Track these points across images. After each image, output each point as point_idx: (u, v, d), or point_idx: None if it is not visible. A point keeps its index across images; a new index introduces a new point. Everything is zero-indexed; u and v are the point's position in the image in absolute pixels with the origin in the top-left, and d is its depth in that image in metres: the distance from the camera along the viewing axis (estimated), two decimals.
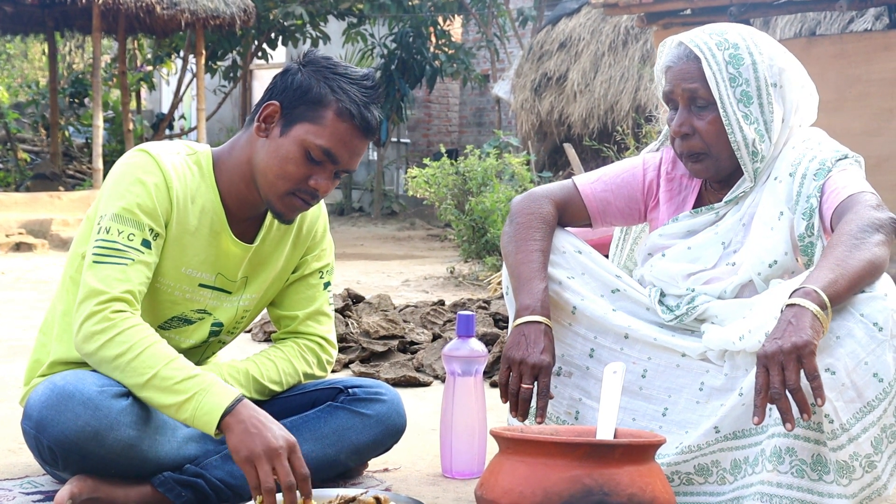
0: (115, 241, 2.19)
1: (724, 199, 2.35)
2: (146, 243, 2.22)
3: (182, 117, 18.49)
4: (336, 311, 4.56)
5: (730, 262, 2.31)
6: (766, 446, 2.03)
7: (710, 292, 2.30)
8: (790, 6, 7.36)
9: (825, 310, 1.93)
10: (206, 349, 2.48)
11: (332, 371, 3.12)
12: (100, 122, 12.29)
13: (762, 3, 7.33)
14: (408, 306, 4.94)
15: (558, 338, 2.33)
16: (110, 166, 2.64)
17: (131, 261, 2.19)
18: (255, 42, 15.93)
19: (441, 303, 4.96)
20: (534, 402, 2.22)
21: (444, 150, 8.67)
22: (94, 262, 2.18)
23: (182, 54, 15.87)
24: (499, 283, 6.46)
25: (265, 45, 16.07)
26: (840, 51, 6.99)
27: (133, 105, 16.12)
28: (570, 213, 2.46)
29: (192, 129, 16.11)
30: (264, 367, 2.44)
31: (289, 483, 2.00)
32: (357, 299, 4.94)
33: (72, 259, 2.35)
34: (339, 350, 4.07)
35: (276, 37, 15.92)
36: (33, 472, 2.49)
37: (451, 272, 8.11)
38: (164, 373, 2.10)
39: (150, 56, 17.10)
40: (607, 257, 2.57)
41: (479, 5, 15.48)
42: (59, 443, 2.13)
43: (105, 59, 16.83)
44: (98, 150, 12.04)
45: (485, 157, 8.24)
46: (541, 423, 2.21)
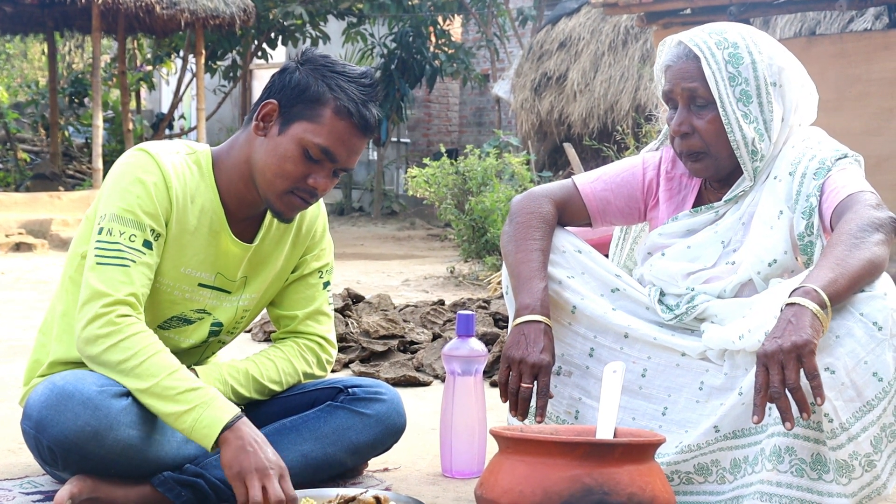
0: (116, 242, 2.19)
1: (724, 198, 2.35)
2: (147, 244, 2.22)
3: (182, 117, 18.49)
4: (336, 310, 4.56)
5: (729, 261, 2.31)
6: (765, 445, 2.03)
7: (710, 291, 2.29)
8: (790, 6, 7.36)
9: (825, 309, 1.93)
10: (206, 349, 2.48)
11: (331, 371, 3.12)
12: (99, 121, 12.28)
13: (762, 3, 7.33)
14: (408, 306, 4.94)
15: (558, 337, 2.33)
16: (110, 166, 2.63)
17: (133, 262, 2.19)
18: (255, 42, 15.93)
19: (441, 302, 4.96)
20: (533, 401, 2.22)
21: (444, 149, 8.66)
22: (97, 264, 2.17)
23: (182, 54, 15.87)
24: (499, 283, 6.46)
25: (265, 45, 16.06)
26: (840, 50, 6.98)
27: (133, 105, 16.12)
28: (570, 213, 2.46)
29: (191, 129, 16.10)
30: (264, 367, 2.44)
31: (278, 499, 2.03)
32: (357, 299, 4.94)
33: (71, 259, 2.34)
34: (339, 350, 4.07)
35: (275, 36, 15.92)
36: (33, 472, 2.49)
37: (451, 272, 8.11)
38: (167, 382, 2.11)
39: (149, 56, 17.10)
40: (607, 257, 2.57)
41: (479, 5, 15.47)
42: (58, 443, 2.13)
43: (105, 59, 16.83)
44: (98, 149, 12.04)
45: (485, 157, 8.24)
46: (540, 422, 2.21)
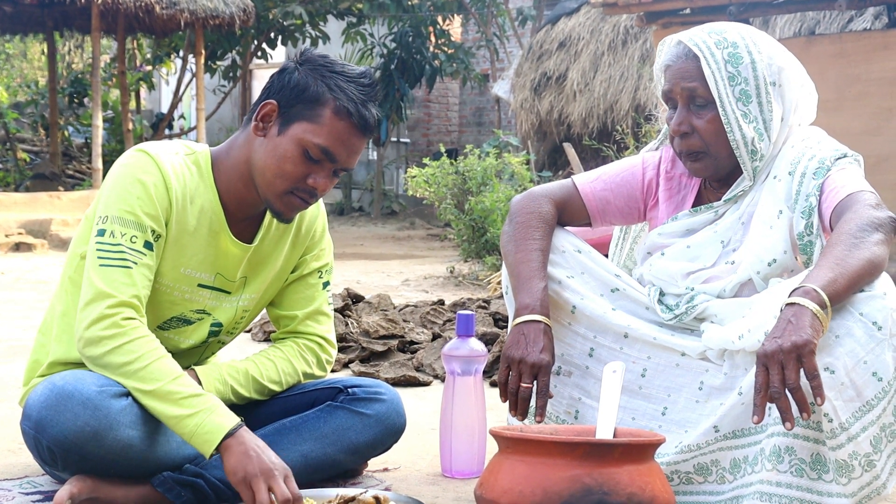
0: (118, 243, 2.19)
1: (724, 197, 2.35)
2: (148, 245, 2.22)
3: (181, 117, 18.49)
4: (336, 310, 4.56)
5: (729, 260, 2.31)
6: (765, 445, 2.03)
7: (710, 291, 2.29)
8: (789, 5, 7.36)
9: (825, 309, 1.93)
10: (206, 349, 2.48)
11: (331, 371, 3.12)
12: (99, 121, 12.28)
13: (761, 3, 7.32)
14: (407, 306, 4.94)
15: (558, 337, 2.33)
16: (110, 166, 2.63)
17: (135, 264, 2.19)
18: (255, 42, 15.92)
19: (441, 302, 4.95)
20: (533, 401, 2.22)
21: (443, 149, 8.66)
22: (100, 266, 2.17)
23: (181, 54, 15.87)
24: (498, 283, 6.46)
25: (264, 45, 16.06)
26: (839, 50, 6.98)
27: (132, 105, 16.11)
28: (570, 213, 2.46)
29: (191, 129, 16.10)
30: (264, 367, 2.44)
31: (285, 498, 2.03)
32: (357, 299, 4.94)
33: (71, 259, 2.34)
34: (339, 350, 4.07)
35: (275, 36, 15.92)
36: (33, 473, 2.49)
37: (451, 272, 8.11)
38: (171, 387, 2.11)
39: (149, 56, 17.09)
40: (607, 256, 2.57)
41: (479, 5, 15.47)
42: (58, 443, 2.13)
43: (104, 59, 16.82)
44: (97, 149, 12.03)
45: (484, 157, 8.24)
46: (540, 422, 2.21)
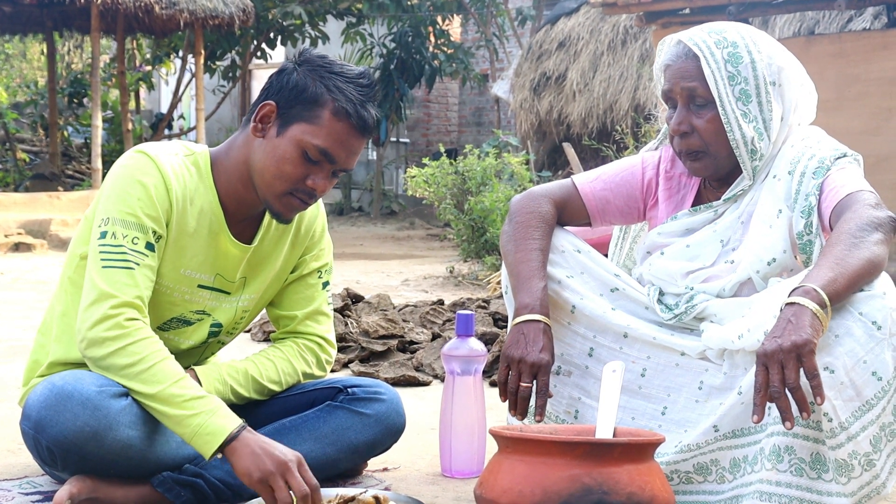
0: (120, 245, 2.18)
1: (723, 197, 2.35)
2: (150, 246, 2.22)
3: (181, 117, 18.49)
4: (335, 310, 4.56)
5: (728, 259, 2.31)
6: (765, 445, 2.03)
7: (709, 290, 2.29)
8: (789, 5, 7.36)
9: (824, 308, 1.93)
10: (206, 350, 2.47)
11: (331, 371, 3.12)
12: (99, 122, 12.27)
13: (761, 2, 7.32)
14: (407, 306, 4.94)
15: (557, 337, 2.33)
16: (109, 166, 2.63)
17: (137, 265, 2.19)
18: (254, 42, 15.92)
19: (440, 302, 4.95)
20: (533, 400, 2.22)
21: (443, 149, 8.66)
22: (103, 268, 2.17)
23: (181, 54, 15.86)
24: (498, 283, 6.46)
25: (264, 45, 16.05)
26: (839, 50, 6.98)
27: (132, 105, 16.10)
28: (570, 212, 2.46)
29: (191, 129, 16.10)
30: (263, 367, 2.44)
31: (304, 493, 2.03)
32: (356, 299, 4.94)
33: (70, 260, 2.34)
34: (339, 350, 4.07)
35: (274, 36, 15.91)
36: (32, 473, 2.49)
37: (451, 272, 8.11)
38: (173, 389, 2.11)
39: (148, 56, 17.08)
40: (606, 256, 2.57)
41: (478, 5, 15.46)
42: (57, 443, 2.13)
43: (104, 59, 16.81)
44: (97, 150, 12.02)
45: (484, 157, 8.24)
46: (540, 421, 2.21)
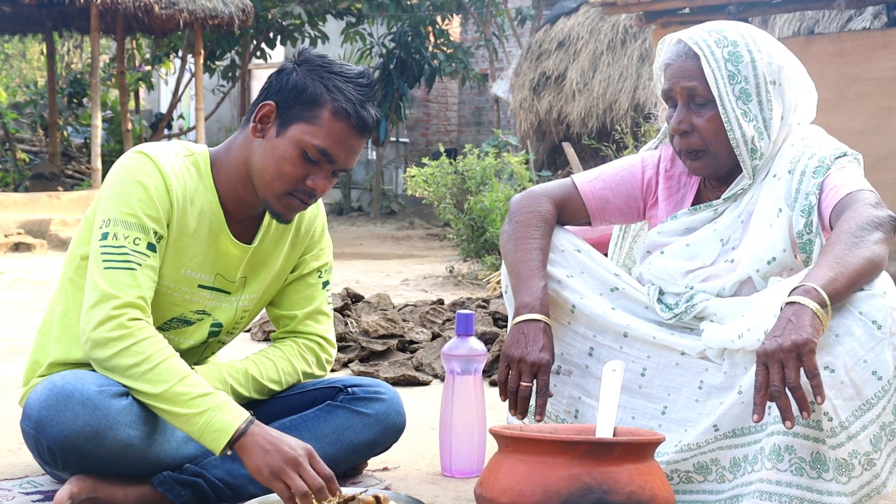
0: (122, 245, 2.18)
1: (723, 196, 2.35)
2: (151, 247, 2.22)
3: (181, 117, 18.49)
4: (335, 310, 4.56)
5: (728, 258, 2.31)
6: (765, 444, 2.03)
7: (709, 289, 2.29)
8: (788, 5, 7.35)
9: (825, 308, 1.93)
10: (206, 349, 2.47)
11: (331, 370, 3.12)
12: (98, 121, 12.27)
13: (761, 2, 7.32)
14: (407, 305, 4.94)
15: (557, 336, 2.33)
16: (109, 166, 2.63)
17: (139, 265, 2.19)
18: (254, 42, 15.91)
19: (440, 302, 4.95)
20: (533, 400, 2.22)
21: (442, 149, 8.66)
22: (105, 269, 2.17)
23: (180, 54, 15.85)
24: (498, 282, 6.46)
25: (264, 45, 16.05)
26: (838, 49, 6.98)
27: (132, 105, 16.09)
28: (570, 212, 2.46)
29: (190, 129, 16.09)
30: (263, 367, 2.44)
31: (318, 486, 2.04)
32: (356, 298, 4.94)
33: (70, 260, 2.34)
34: (339, 349, 4.06)
35: (274, 36, 15.91)
36: (33, 472, 2.49)
37: (450, 271, 8.11)
38: (179, 388, 2.11)
39: (148, 56, 17.08)
40: (606, 256, 2.57)
41: (478, 4, 15.46)
42: (58, 443, 2.13)
43: (103, 59, 16.79)
44: (97, 150, 12.02)
45: (483, 157, 8.24)
46: (540, 421, 2.21)
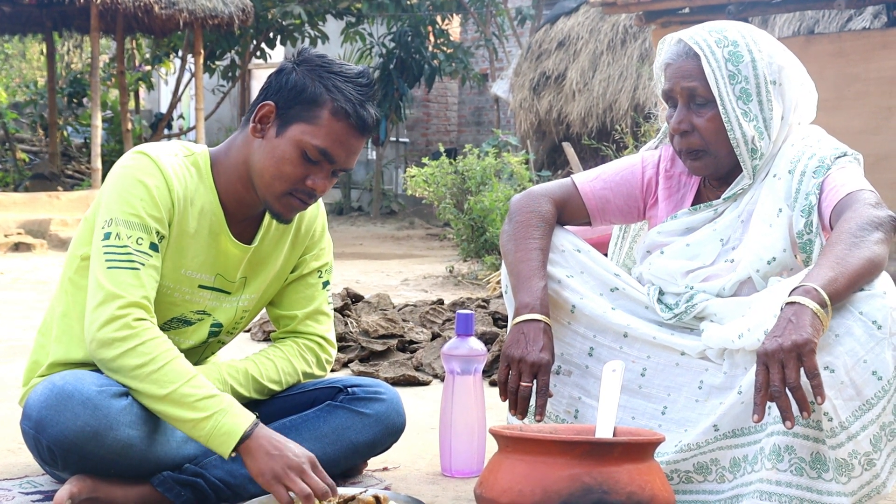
0: (125, 245, 2.18)
1: (723, 196, 2.35)
2: (154, 246, 2.22)
3: (181, 117, 18.49)
4: (335, 310, 4.56)
5: (728, 258, 2.31)
6: (765, 444, 2.03)
7: (709, 289, 2.29)
8: (788, 4, 7.35)
9: (825, 308, 1.93)
10: (206, 349, 2.47)
11: (331, 370, 3.12)
12: (98, 121, 12.26)
13: (761, 2, 7.32)
14: (407, 305, 4.94)
15: (557, 336, 2.33)
16: (109, 166, 2.62)
17: (142, 265, 2.19)
18: (254, 42, 15.92)
19: (440, 302, 4.95)
20: (533, 400, 2.22)
21: (442, 149, 8.66)
22: (108, 269, 2.17)
23: (180, 54, 15.86)
24: (498, 282, 6.46)
25: (263, 45, 16.05)
26: (838, 49, 6.98)
27: (132, 105, 16.10)
28: (570, 212, 2.46)
29: (190, 129, 16.10)
30: (263, 367, 2.44)
31: (322, 490, 2.06)
32: (356, 298, 4.94)
33: (70, 261, 2.34)
34: (339, 349, 4.06)
35: (274, 36, 15.91)
36: (32, 472, 2.49)
37: (450, 271, 8.11)
38: (184, 389, 2.11)
39: (148, 56, 17.08)
40: (606, 255, 2.57)
41: (478, 4, 15.46)
42: (58, 443, 2.13)
43: (103, 59, 16.79)
44: (97, 149, 12.01)
45: (483, 157, 8.24)
46: (540, 421, 2.21)
